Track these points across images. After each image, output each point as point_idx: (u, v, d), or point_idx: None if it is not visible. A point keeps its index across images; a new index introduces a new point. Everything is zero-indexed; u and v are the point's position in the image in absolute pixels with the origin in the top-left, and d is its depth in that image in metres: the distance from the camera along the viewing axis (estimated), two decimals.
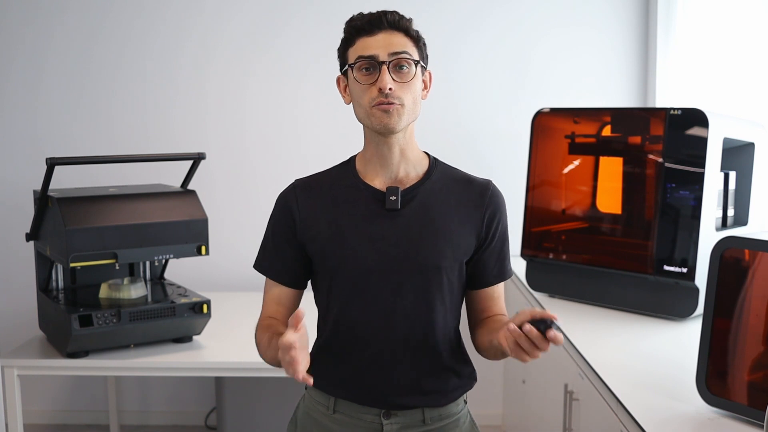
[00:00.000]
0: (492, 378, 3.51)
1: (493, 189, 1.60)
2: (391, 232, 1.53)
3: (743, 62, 2.86)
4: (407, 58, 1.50)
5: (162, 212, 2.57)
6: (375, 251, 1.52)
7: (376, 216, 1.54)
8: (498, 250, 1.60)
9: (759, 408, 1.54)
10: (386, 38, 1.50)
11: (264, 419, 3.12)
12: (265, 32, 3.49)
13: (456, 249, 1.54)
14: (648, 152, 2.44)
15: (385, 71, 1.48)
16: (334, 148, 3.45)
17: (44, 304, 2.69)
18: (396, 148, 1.55)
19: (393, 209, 1.53)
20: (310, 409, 1.63)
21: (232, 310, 3.00)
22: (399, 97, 1.49)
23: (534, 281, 2.75)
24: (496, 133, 3.50)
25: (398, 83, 1.49)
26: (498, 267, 1.61)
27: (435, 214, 1.54)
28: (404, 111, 1.50)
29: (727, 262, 1.64)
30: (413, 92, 1.51)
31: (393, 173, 1.57)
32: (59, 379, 3.66)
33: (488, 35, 3.46)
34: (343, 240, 1.54)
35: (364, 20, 1.52)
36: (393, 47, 1.49)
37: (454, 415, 1.61)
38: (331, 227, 1.55)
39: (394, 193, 1.54)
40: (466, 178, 1.62)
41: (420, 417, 1.57)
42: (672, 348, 2.14)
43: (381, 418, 1.55)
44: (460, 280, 1.59)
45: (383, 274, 1.52)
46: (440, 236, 1.53)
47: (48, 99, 3.51)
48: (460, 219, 1.56)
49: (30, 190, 2.92)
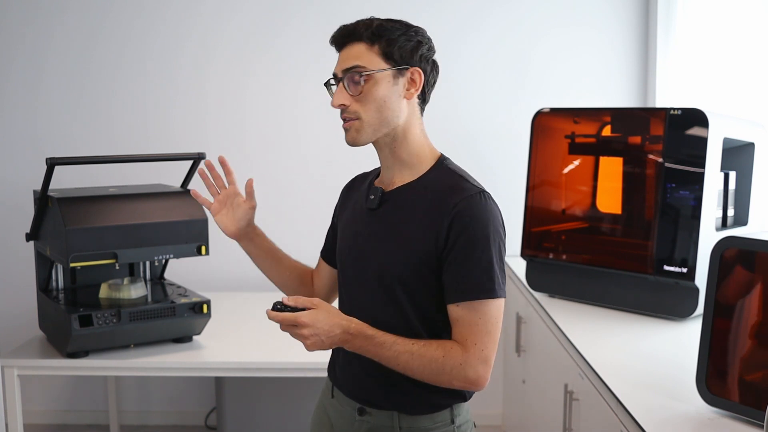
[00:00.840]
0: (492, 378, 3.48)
1: (469, 199, 1.45)
2: (366, 230, 1.57)
3: (743, 62, 2.86)
4: (358, 70, 1.47)
5: (162, 212, 2.57)
6: (352, 247, 1.59)
7: (361, 214, 1.60)
8: (458, 264, 1.44)
9: (759, 408, 1.54)
10: (346, 53, 1.50)
11: (264, 419, 3.12)
12: (265, 32, 3.49)
13: (409, 254, 1.48)
14: (648, 152, 2.43)
15: (338, 88, 1.50)
16: (334, 148, 3.46)
17: (44, 304, 2.69)
18: (384, 151, 1.56)
19: (371, 209, 1.57)
20: (323, 392, 1.71)
21: (232, 310, 3.00)
22: (355, 111, 1.49)
23: (534, 281, 2.75)
24: (496, 133, 3.50)
25: (353, 97, 1.49)
26: (456, 286, 1.45)
27: (400, 218, 1.52)
28: (363, 125, 1.49)
29: (727, 262, 1.64)
30: (373, 103, 1.48)
31: (390, 174, 1.59)
32: (59, 379, 3.66)
33: (488, 35, 3.46)
34: (341, 233, 1.66)
35: (332, 37, 1.53)
36: (346, 62, 1.49)
37: (427, 430, 1.52)
38: (345, 222, 1.66)
39: (374, 193, 1.58)
40: (454, 184, 1.50)
41: (390, 423, 1.52)
42: (672, 348, 2.14)
43: (356, 413, 1.56)
44: (427, 287, 1.49)
45: (356, 270, 1.58)
46: (399, 241, 1.50)
47: (48, 99, 3.51)
48: (424, 226, 1.48)
49: (30, 190, 2.91)
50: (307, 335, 1.41)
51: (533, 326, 2.77)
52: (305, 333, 1.41)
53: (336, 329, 1.43)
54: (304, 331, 1.41)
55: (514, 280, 3.01)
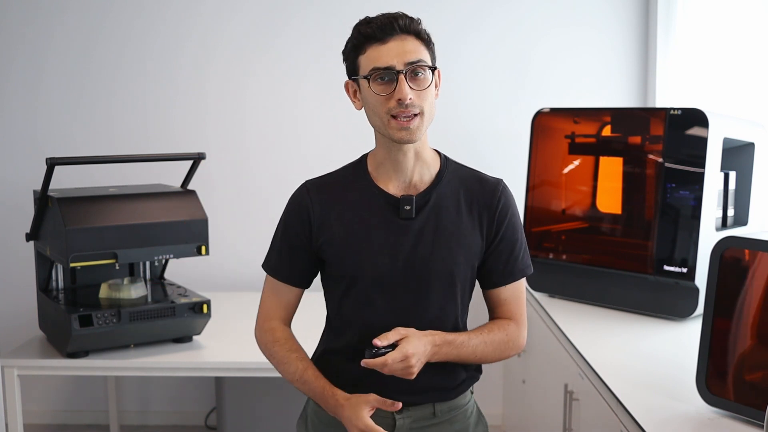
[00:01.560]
0: (492, 378, 3.51)
1: (503, 189, 1.59)
2: (405, 239, 1.53)
3: (743, 62, 2.86)
4: (423, 65, 1.47)
5: (162, 212, 2.57)
6: (390, 258, 1.52)
7: (391, 223, 1.53)
8: (507, 250, 1.58)
9: (759, 408, 1.54)
10: (399, 45, 1.45)
11: (264, 419, 3.12)
12: (265, 32, 3.49)
13: (467, 252, 1.55)
14: (648, 152, 2.44)
15: (403, 81, 1.44)
16: (333, 148, 3.46)
17: (44, 304, 2.69)
18: (411, 153, 1.54)
19: (408, 218, 1.53)
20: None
21: (232, 310, 3.00)
22: (418, 105, 1.47)
23: (534, 281, 2.75)
24: (496, 133, 3.50)
25: (415, 91, 1.46)
26: (507, 268, 1.59)
27: (446, 219, 1.54)
28: (423, 120, 1.48)
29: (727, 262, 1.64)
30: (430, 98, 1.49)
31: (407, 177, 1.55)
32: (59, 379, 3.66)
33: (488, 35, 3.46)
34: (359, 246, 1.53)
35: (374, 27, 1.46)
36: (408, 56, 1.45)
37: (462, 406, 1.64)
38: (347, 232, 1.54)
39: (408, 203, 1.53)
40: (476, 176, 1.60)
41: (431, 411, 1.59)
42: (672, 348, 2.14)
43: (393, 413, 1.56)
44: (472, 280, 1.60)
45: (399, 281, 1.53)
46: (453, 241, 1.53)
47: (48, 99, 3.51)
48: (470, 221, 1.55)
49: (30, 190, 2.91)
50: (415, 363, 1.43)
51: (533, 326, 2.76)
52: (413, 363, 1.43)
53: (428, 346, 1.47)
54: (412, 361, 1.43)
55: None
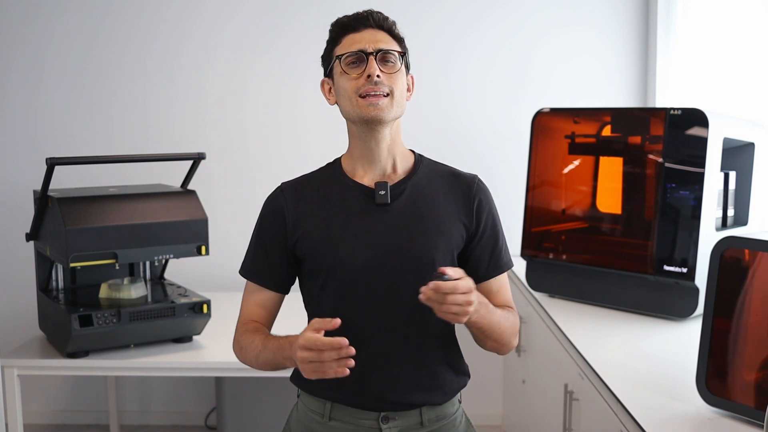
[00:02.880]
0: (492, 378, 3.51)
1: (479, 182, 1.62)
2: (382, 227, 1.54)
3: (743, 62, 2.86)
4: (393, 52, 1.53)
5: (162, 212, 2.58)
6: (368, 247, 1.52)
7: (367, 212, 1.55)
8: (491, 243, 1.60)
9: (759, 408, 1.54)
10: (372, 34, 1.53)
11: (264, 419, 3.12)
12: (265, 32, 3.49)
13: (448, 240, 1.55)
14: (648, 152, 2.44)
15: (373, 60, 1.50)
16: (333, 148, 3.42)
17: (44, 304, 2.69)
18: (383, 143, 1.56)
19: (383, 204, 1.55)
20: (304, 418, 1.60)
21: (232, 310, 2.97)
22: (388, 85, 1.51)
23: (534, 281, 2.75)
24: (496, 133, 3.50)
25: (385, 74, 1.51)
26: (494, 260, 1.61)
27: (424, 207, 1.56)
28: (393, 101, 1.52)
29: (727, 262, 1.64)
30: (401, 84, 1.54)
31: (381, 168, 1.58)
32: (59, 379, 3.66)
33: (488, 35, 3.46)
34: (335, 239, 1.54)
35: (350, 18, 1.55)
36: (379, 43, 1.52)
37: (450, 415, 1.61)
38: (323, 227, 1.55)
39: (383, 188, 1.55)
40: (452, 172, 1.63)
41: (418, 419, 1.56)
42: (672, 348, 2.14)
43: (379, 422, 1.54)
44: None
45: (378, 270, 1.52)
46: (431, 228, 1.54)
47: (48, 99, 3.51)
48: (449, 211, 1.57)
49: (30, 190, 2.91)
50: (474, 301, 1.39)
51: (533, 326, 2.77)
52: (473, 299, 1.39)
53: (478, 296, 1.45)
54: (473, 297, 1.39)
55: (514, 280, 3.01)
